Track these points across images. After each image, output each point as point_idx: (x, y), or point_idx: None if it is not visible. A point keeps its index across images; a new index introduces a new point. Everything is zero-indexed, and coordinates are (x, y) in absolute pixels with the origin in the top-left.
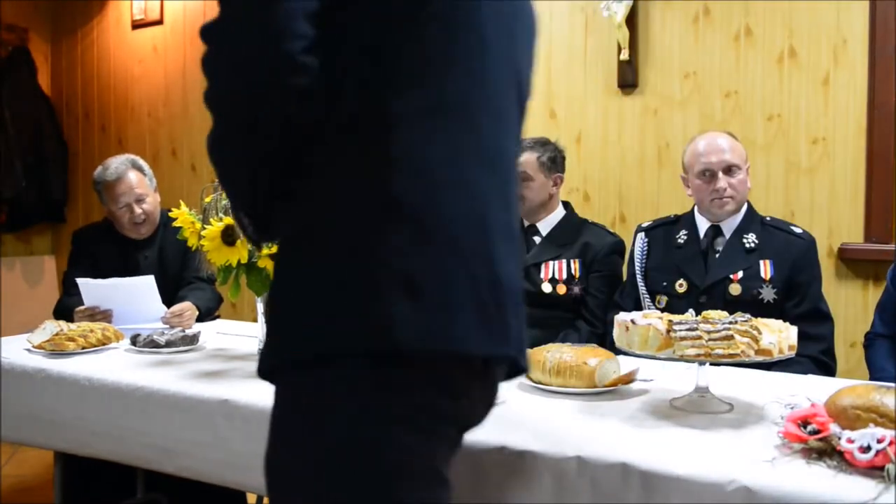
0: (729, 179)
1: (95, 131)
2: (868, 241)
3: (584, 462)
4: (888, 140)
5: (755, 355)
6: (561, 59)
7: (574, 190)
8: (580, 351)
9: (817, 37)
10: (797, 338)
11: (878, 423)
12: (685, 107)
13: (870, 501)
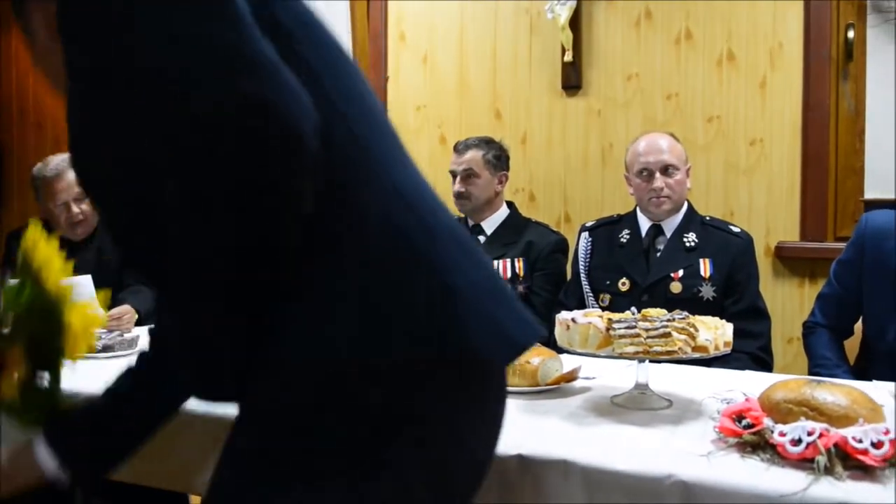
0: (666, 179)
1: (31, 129)
2: (804, 239)
3: (526, 460)
4: (823, 141)
5: (692, 352)
6: (506, 60)
7: (519, 190)
8: None
9: (755, 40)
10: (736, 334)
11: (809, 417)
12: (628, 108)
13: (800, 492)
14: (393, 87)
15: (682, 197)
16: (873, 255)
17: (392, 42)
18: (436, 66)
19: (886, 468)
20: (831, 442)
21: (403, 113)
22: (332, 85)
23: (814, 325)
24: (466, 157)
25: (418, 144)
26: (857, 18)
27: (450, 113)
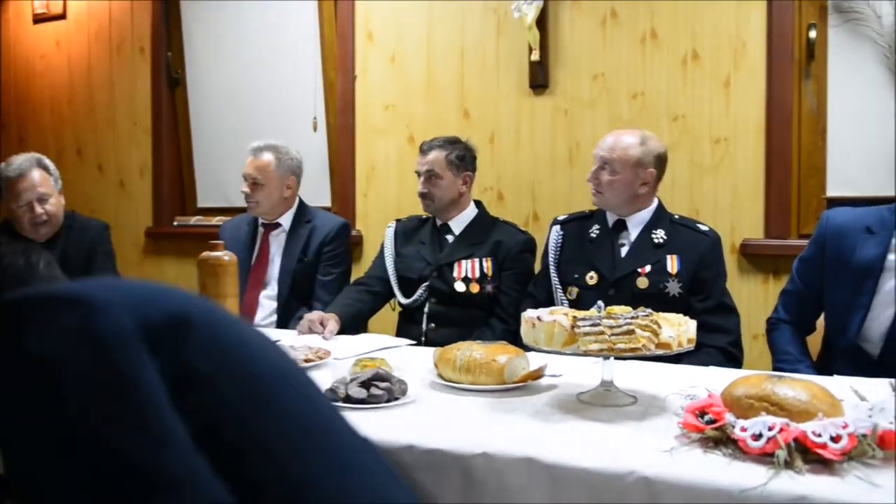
0: (600, 174)
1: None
2: (768, 237)
3: (491, 458)
4: (786, 140)
5: (655, 349)
6: (473, 59)
7: (488, 189)
8: (490, 348)
9: (718, 40)
10: (706, 330)
11: (770, 412)
12: (594, 107)
13: (760, 487)
14: (361, 87)
15: (612, 197)
16: (834, 252)
17: (360, 41)
18: (404, 65)
19: (845, 462)
20: (791, 436)
21: (371, 112)
22: (260, 437)
23: (777, 321)
24: (429, 158)
25: (386, 144)
26: (819, 19)
27: (418, 112)
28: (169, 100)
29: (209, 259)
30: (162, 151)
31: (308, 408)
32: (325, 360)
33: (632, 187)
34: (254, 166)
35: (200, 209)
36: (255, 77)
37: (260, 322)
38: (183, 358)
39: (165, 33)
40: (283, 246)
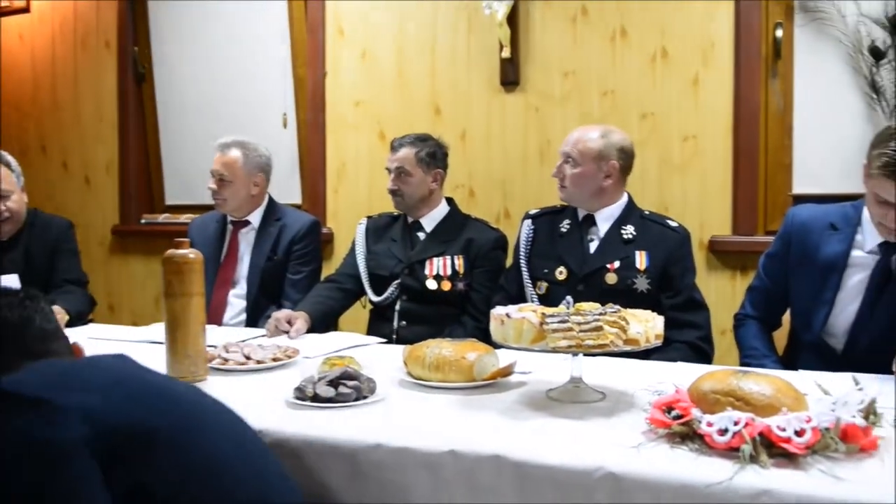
0: (564, 168)
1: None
2: (736, 233)
3: (459, 455)
4: (753, 137)
5: (624, 345)
6: (444, 56)
7: (459, 186)
8: (459, 346)
9: (687, 38)
10: (675, 326)
11: (736, 407)
12: (565, 104)
13: (725, 481)
14: (332, 83)
15: (576, 191)
16: (799, 248)
17: (330, 38)
18: (374, 61)
19: (808, 455)
20: (756, 431)
21: (342, 109)
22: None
23: (744, 317)
24: (399, 155)
25: (357, 140)
26: (786, 18)
27: (389, 109)
28: (135, 95)
29: (174, 257)
30: (128, 148)
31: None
32: (293, 359)
33: (595, 180)
34: (221, 163)
35: (168, 207)
36: (224, 72)
37: (228, 321)
38: (139, 478)
39: (132, 27)
40: (252, 244)
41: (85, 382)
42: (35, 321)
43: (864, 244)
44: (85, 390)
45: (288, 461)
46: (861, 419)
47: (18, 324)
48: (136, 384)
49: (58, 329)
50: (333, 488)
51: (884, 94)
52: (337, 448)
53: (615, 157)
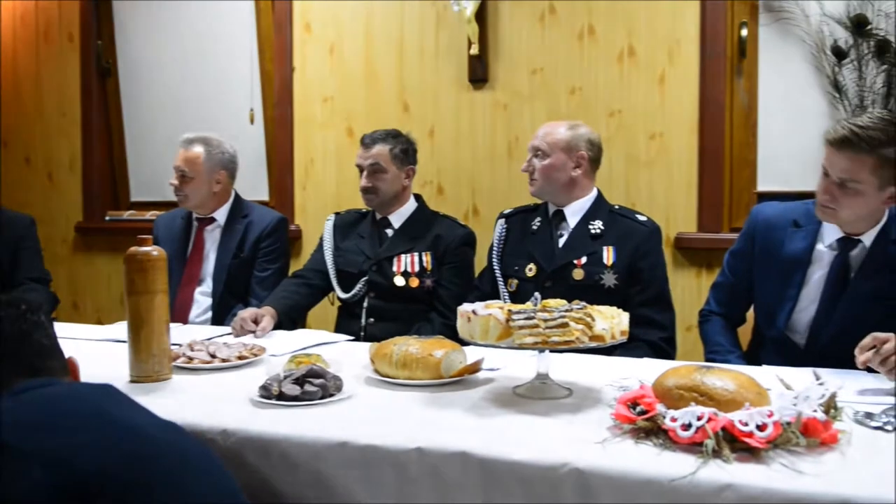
0: (534, 162)
1: None
2: (701, 230)
3: (424, 453)
4: (718, 135)
5: (589, 341)
6: (413, 52)
7: (428, 183)
8: (426, 343)
9: (654, 37)
10: (640, 323)
11: (699, 402)
12: (533, 102)
13: (689, 476)
14: (299, 79)
15: (547, 183)
16: (763, 245)
17: (298, 33)
18: (342, 57)
19: (770, 449)
20: (719, 426)
21: (310, 105)
22: None
23: (708, 313)
24: (373, 152)
25: (325, 137)
26: (750, 17)
27: (357, 105)
28: (99, 90)
29: (137, 254)
30: (92, 143)
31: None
32: (259, 357)
33: (565, 171)
34: (183, 159)
35: (134, 203)
36: (190, 67)
37: (194, 319)
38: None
39: (95, 21)
40: (218, 241)
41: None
42: (33, 336)
43: (826, 240)
44: (55, 432)
45: (253, 460)
46: (822, 413)
47: (16, 339)
48: (111, 426)
49: (55, 345)
50: (299, 487)
51: (846, 93)
52: (303, 447)
53: (584, 147)
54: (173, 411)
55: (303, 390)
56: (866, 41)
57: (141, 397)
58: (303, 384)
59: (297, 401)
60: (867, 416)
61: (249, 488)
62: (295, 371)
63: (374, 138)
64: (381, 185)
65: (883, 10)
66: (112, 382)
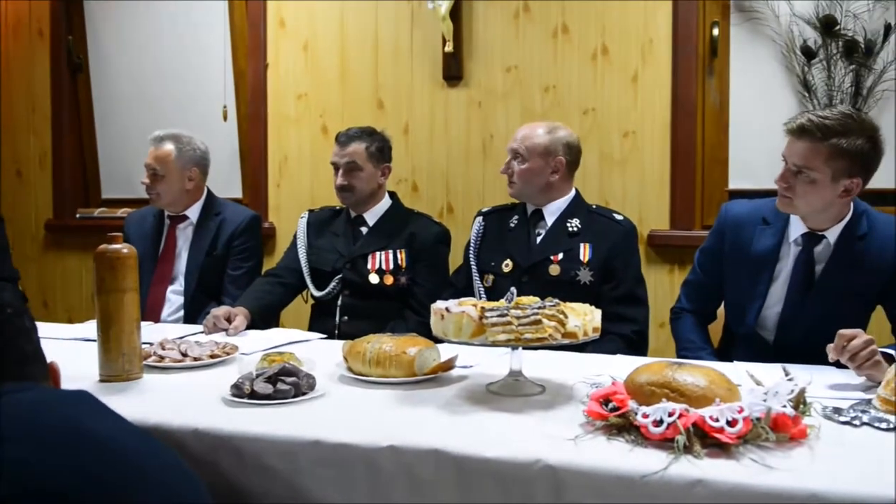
0: (512, 165)
1: None
2: (674, 228)
3: (398, 450)
4: (690, 134)
5: (562, 338)
6: (387, 49)
7: (402, 180)
8: (400, 340)
9: (627, 36)
10: (612, 319)
11: (671, 398)
12: (507, 100)
13: (660, 471)
14: (273, 76)
15: (525, 185)
16: (732, 243)
17: (271, 29)
18: (317, 54)
19: (740, 445)
20: (690, 422)
21: (284, 102)
22: None
23: (680, 311)
24: (349, 150)
25: (299, 134)
26: (722, 17)
27: (331, 102)
28: (70, 86)
29: (107, 252)
30: (63, 140)
31: None
32: (232, 356)
33: (542, 175)
34: (154, 156)
35: (105, 200)
36: (163, 63)
37: (166, 318)
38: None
39: (66, 16)
40: (190, 239)
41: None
42: (15, 342)
43: (792, 236)
44: (20, 440)
45: (225, 460)
46: (791, 409)
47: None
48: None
49: (37, 351)
50: (271, 487)
51: (815, 93)
52: (275, 445)
53: (562, 152)
54: (144, 411)
55: (275, 389)
56: (835, 41)
57: (111, 397)
58: (275, 383)
59: (269, 399)
60: (835, 411)
61: (221, 488)
62: (267, 369)
63: (350, 136)
64: (357, 183)
65: (851, 11)
66: (82, 382)
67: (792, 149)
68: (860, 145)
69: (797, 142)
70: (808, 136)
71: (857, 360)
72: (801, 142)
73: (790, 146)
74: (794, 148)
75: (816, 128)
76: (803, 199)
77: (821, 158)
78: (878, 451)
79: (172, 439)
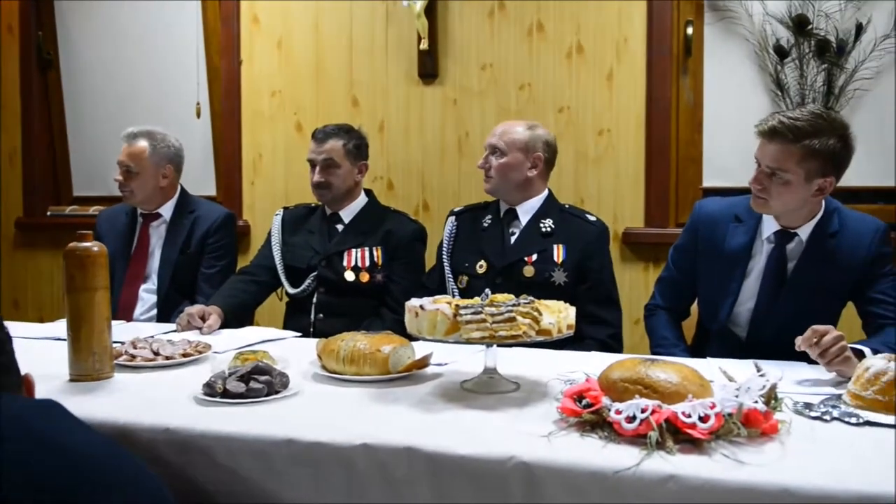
0: (490, 160)
1: None
2: (648, 225)
3: (371, 448)
4: (665, 132)
5: (536, 335)
6: (362, 46)
7: (378, 178)
8: (374, 338)
9: (602, 34)
10: (588, 321)
11: (643, 394)
12: (483, 97)
13: (633, 467)
14: (247, 72)
15: (502, 181)
16: (706, 240)
17: (245, 25)
18: (291, 51)
19: (712, 440)
20: (662, 418)
21: (258, 99)
22: None
23: (654, 308)
24: (326, 147)
25: (273, 131)
26: (696, 16)
27: (306, 99)
28: (40, 82)
29: (76, 250)
30: (33, 137)
31: None
32: (204, 355)
33: (521, 171)
34: (127, 154)
35: (76, 198)
36: (135, 59)
37: (139, 317)
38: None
39: (35, 11)
40: (163, 237)
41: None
42: None
43: (765, 234)
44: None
45: (197, 459)
46: (762, 404)
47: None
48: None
49: (11, 362)
50: (245, 486)
51: (787, 91)
52: (247, 444)
53: (541, 149)
54: (114, 411)
55: (248, 387)
56: (807, 41)
57: (81, 397)
58: (248, 381)
59: (242, 398)
60: (806, 406)
61: (192, 489)
62: (240, 368)
63: (327, 133)
64: (333, 180)
65: (823, 11)
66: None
67: (764, 151)
68: (832, 145)
69: (769, 144)
70: (779, 137)
71: (828, 357)
72: (773, 144)
73: (762, 148)
74: (766, 150)
75: (788, 129)
76: (778, 199)
77: (794, 160)
78: (847, 445)
79: (143, 439)
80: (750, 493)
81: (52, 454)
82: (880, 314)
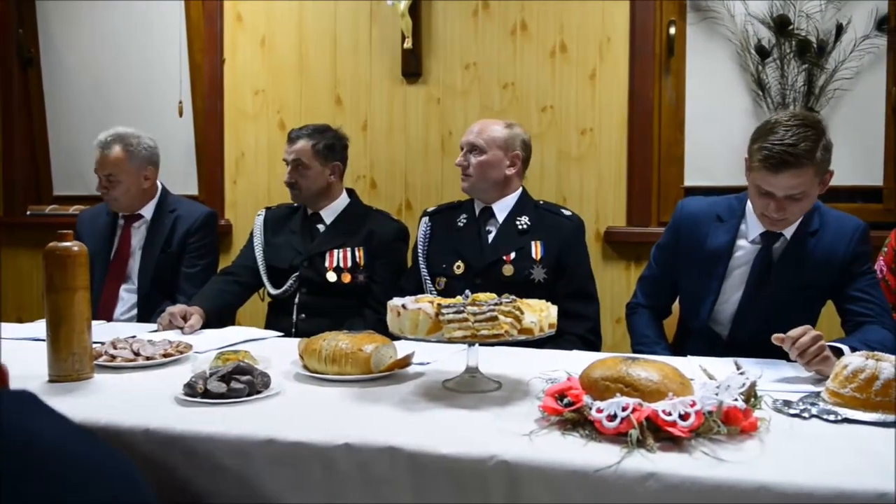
0: (468, 157)
1: None
2: (630, 224)
3: (353, 448)
4: (647, 131)
5: (518, 334)
6: (346, 45)
7: (361, 177)
8: (356, 338)
9: (585, 34)
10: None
11: (624, 393)
12: (466, 96)
13: (614, 465)
14: (230, 71)
15: (480, 179)
16: (688, 239)
17: (228, 24)
18: (274, 49)
19: (693, 438)
20: (643, 416)
21: (241, 97)
22: None
23: (635, 306)
24: (296, 147)
25: (256, 130)
26: (678, 16)
27: (289, 98)
28: (21, 80)
29: (56, 250)
30: (13, 136)
31: None
32: (185, 355)
33: (500, 168)
34: (105, 162)
35: (57, 197)
36: (116, 57)
37: (120, 317)
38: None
39: (16, 9)
40: (144, 237)
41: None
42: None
43: (748, 234)
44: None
45: (178, 460)
46: (742, 402)
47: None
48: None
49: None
50: (225, 487)
51: (769, 91)
52: (228, 445)
53: (519, 147)
54: (94, 411)
55: (229, 388)
56: (788, 41)
57: (60, 397)
58: (229, 381)
59: (222, 398)
60: (785, 403)
61: (173, 489)
62: (221, 368)
63: (298, 133)
64: (302, 180)
65: (804, 11)
66: (31, 382)
67: (775, 182)
68: (826, 144)
69: (779, 175)
70: (790, 167)
71: (806, 357)
72: (784, 173)
73: (772, 180)
74: (778, 182)
75: (797, 157)
76: (799, 212)
77: (809, 177)
78: (826, 442)
79: (123, 439)
80: (729, 491)
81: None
82: (859, 312)
